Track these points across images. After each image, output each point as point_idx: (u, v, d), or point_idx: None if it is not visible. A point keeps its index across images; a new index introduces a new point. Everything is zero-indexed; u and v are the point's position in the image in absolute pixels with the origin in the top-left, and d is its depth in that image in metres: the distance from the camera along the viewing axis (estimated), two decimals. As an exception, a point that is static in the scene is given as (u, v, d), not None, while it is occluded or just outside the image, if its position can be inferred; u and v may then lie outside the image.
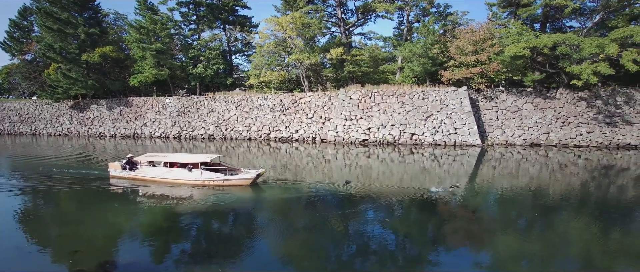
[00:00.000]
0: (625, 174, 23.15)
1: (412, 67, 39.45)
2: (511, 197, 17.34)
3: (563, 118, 34.90)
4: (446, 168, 25.41)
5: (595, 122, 34.17)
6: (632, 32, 29.94)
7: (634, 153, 30.59)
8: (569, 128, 34.45)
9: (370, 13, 47.34)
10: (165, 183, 19.11)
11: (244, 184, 18.34)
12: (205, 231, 13.19)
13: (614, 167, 25.29)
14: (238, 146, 38.30)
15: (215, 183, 18.49)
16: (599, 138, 33.61)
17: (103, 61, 50.58)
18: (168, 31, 48.12)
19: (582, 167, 25.39)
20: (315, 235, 12.43)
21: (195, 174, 18.59)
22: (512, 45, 31.77)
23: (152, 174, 19.70)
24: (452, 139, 34.60)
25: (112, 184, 19.66)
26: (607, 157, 29.10)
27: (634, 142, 33.06)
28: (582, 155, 29.94)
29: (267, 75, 44.21)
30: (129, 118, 48.62)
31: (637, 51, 30.22)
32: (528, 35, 32.35)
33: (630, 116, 34.19)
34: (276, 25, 42.23)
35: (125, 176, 20.28)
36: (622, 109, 34.47)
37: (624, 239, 11.86)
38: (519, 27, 33.75)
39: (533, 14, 37.34)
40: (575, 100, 35.05)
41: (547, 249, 11.09)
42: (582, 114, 34.63)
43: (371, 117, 37.59)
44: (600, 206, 16.25)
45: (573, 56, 32.46)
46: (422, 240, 12.25)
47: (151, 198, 17.26)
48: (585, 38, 31.87)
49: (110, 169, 20.92)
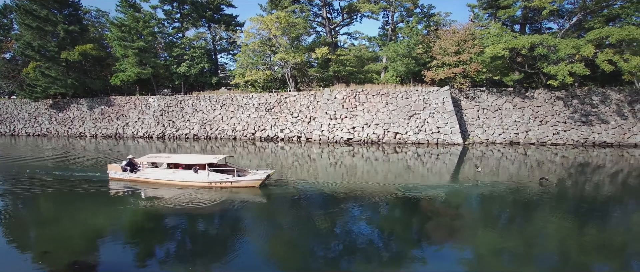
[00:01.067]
0: (601, 171, 23.97)
1: (396, 67, 39.92)
2: (492, 194, 17.70)
3: (541, 117, 35.89)
4: (429, 166, 25.85)
5: (571, 121, 35.27)
6: (608, 33, 30.96)
7: (609, 151, 31.71)
8: (546, 127, 35.46)
9: (356, 13, 47.60)
10: (169, 185, 18.32)
11: (253, 185, 17.85)
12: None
13: (590, 165, 26.14)
14: (223, 145, 38.05)
15: (223, 185, 17.86)
16: (576, 136, 34.71)
17: (83, 59, 49.42)
18: (151, 29, 47.33)
19: (559, 165, 26.16)
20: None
21: (202, 175, 17.90)
22: (491, 46, 32.51)
23: (156, 176, 18.86)
24: (434, 138, 35.16)
25: (113, 187, 18.68)
26: (584, 154, 30.07)
27: (609, 140, 34.27)
28: (559, 153, 30.86)
29: (252, 75, 44.00)
30: (110, 118, 47.66)
31: (612, 52, 31.30)
32: (507, 36, 33.16)
33: (606, 115, 35.41)
34: (261, 24, 42.07)
35: (126, 178, 19.37)
36: (597, 108, 35.66)
37: (599, 234, 12.25)
38: (498, 29, 34.55)
39: (512, 16, 38.28)
40: (553, 100, 36.11)
41: (526, 245, 11.42)
42: (559, 113, 35.70)
43: (356, 116, 37.88)
44: (577, 202, 16.74)
45: (550, 57, 33.44)
46: (406, 237, 12.44)
47: (158, 200, 16.60)
48: (561, 39, 32.86)
49: (109, 170, 19.95)
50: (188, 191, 17.44)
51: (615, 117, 35.18)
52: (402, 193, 17.35)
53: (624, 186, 20.29)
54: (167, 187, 18.18)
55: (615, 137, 34.32)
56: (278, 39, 41.98)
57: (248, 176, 17.98)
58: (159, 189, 18.11)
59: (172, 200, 16.23)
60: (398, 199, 16.57)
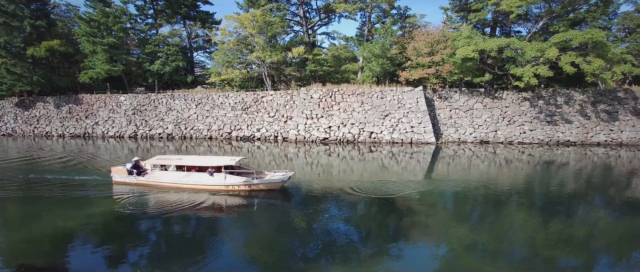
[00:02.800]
0: (565, 168, 24.98)
1: (372, 67, 40.39)
2: (463, 192, 18.11)
3: (509, 117, 37.24)
4: (404, 165, 26.26)
5: (537, 120, 36.77)
6: (571, 37, 32.42)
7: (572, 149, 33.23)
8: (514, 126, 36.83)
9: (333, 13, 47.80)
10: (182, 189, 17.15)
11: (275, 188, 16.99)
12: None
13: (555, 163, 27.15)
14: (198, 145, 37.37)
15: (241, 188, 16.79)
16: (541, 135, 36.22)
17: (50, 56, 47.43)
18: (122, 25, 45.84)
19: (526, 163, 27.10)
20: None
21: (218, 178, 16.84)
22: (462, 48, 33.44)
23: (167, 179, 17.56)
24: (408, 137, 35.84)
25: (118, 192, 17.17)
26: (548, 153, 31.37)
27: (572, 139, 35.95)
28: (525, 151, 32.07)
29: (228, 73, 43.43)
30: (78, 117, 45.86)
31: (575, 54, 32.82)
32: (477, 38, 34.18)
33: (570, 115, 37.13)
34: (237, 22, 41.55)
35: (133, 181, 17.96)
36: (562, 108, 37.33)
37: (563, 229, 12.76)
38: (469, 31, 35.55)
39: (483, 19, 39.47)
40: (520, 101, 37.53)
41: (496, 239, 11.78)
42: (525, 113, 37.15)
43: (332, 115, 38.08)
44: (543, 198, 17.33)
45: (518, 59, 34.72)
46: (382, 234, 12.52)
47: (173, 205, 15.16)
48: (527, 42, 34.18)
49: (113, 174, 18.54)
50: (203, 195, 16.39)
51: (578, 117, 36.94)
52: (376, 191, 17.56)
53: (587, 182, 21.21)
54: (179, 192, 16.93)
55: (578, 136, 36.04)
56: (254, 38, 41.60)
57: (268, 178, 17.07)
58: (170, 193, 16.83)
59: (189, 205, 15.17)
60: (373, 197, 16.70)
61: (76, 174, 21.10)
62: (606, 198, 17.61)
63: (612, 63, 33.66)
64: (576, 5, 36.39)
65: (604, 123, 36.55)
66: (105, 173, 20.83)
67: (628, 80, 44.69)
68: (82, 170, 22.61)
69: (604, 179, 21.85)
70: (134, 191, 17.17)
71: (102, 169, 22.62)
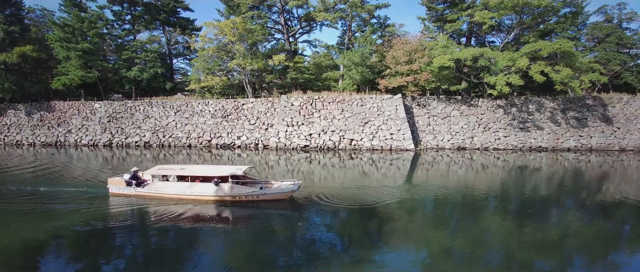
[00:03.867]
0: (538, 173, 25.76)
1: (352, 75, 40.83)
2: (442, 197, 18.35)
3: (484, 124, 38.29)
4: (384, 172, 26.46)
5: (510, 127, 37.95)
6: (540, 47, 33.79)
7: (544, 154, 34.40)
8: (489, 133, 37.87)
9: (314, 21, 48.21)
10: (185, 200, 16.30)
11: (283, 198, 16.38)
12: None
13: (528, 168, 27.95)
14: (177, 153, 36.65)
15: (248, 198, 16.19)
16: (515, 141, 37.37)
17: (22, 62, 45.81)
18: (98, 30, 44.81)
19: (501, 168, 27.85)
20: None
21: (224, 188, 16.17)
22: (438, 57, 34.30)
23: (169, 190, 16.73)
24: (388, 144, 36.26)
25: (117, 204, 16.23)
26: (522, 158, 32.33)
27: (544, 145, 37.24)
28: (500, 157, 32.98)
29: (208, 80, 42.99)
30: (50, 124, 44.26)
31: (544, 64, 34.18)
32: (452, 48, 35.18)
33: (541, 122, 38.49)
34: (217, 29, 41.31)
35: (132, 193, 17.03)
36: (533, 115, 38.68)
37: (537, 232, 13.08)
38: (445, 41, 36.53)
39: (458, 29, 40.67)
40: (494, 108, 38.69)
41: (472, 244, 11.92)
42: (500, 120, 38.29)
43: (312, 123, 38.16)
44: (518, 203, 17.77)
45: (492, 68, 35.87)
46: (363, 240, 12.50)
47: (179, 219, 14.30)
48: (499, 52, 35.40)
49: (110, 185, 17.56)
50: (209, 207, 15.72)
51: (549, 124, 38.35)
52: (359, 198, 17.57)
53: (559, 187, 21.89)
54: (182, 203, 16.09)
55: (549, 142, 37.37)
56: (234, 45, 41.42)
57: (276, 188, 16.51)
58: (173, 205, 15.96)
59: (195, 217, 14.50)
60: (355, 204, 16.68)
61: (64, 185, 19.88)
62: (578, 202, 18.18)
63: (581, 72, 35.23)
64: (546, 17, 37.99)
65: (574, 129, 38.06)
66: (96, 184, 19.87)
67: (597, 88, 46.85)
68: (67, 181, 21.37)
69: (575, 184, 22.63)
70: (133, 203, 16.30)
71: (92, 180, 21.57)
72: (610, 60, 45.34)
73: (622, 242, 12.74)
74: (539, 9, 34.74)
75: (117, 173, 21.18)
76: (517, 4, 33.51)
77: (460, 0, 40.74)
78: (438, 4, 42.88)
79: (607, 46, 47.06)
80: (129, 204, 16.23)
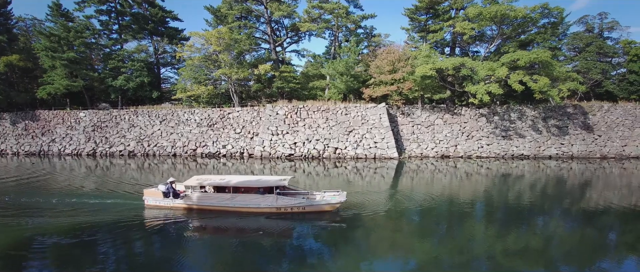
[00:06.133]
0: (521, 181, 26.03)
1: (337, 85, 41.20)
2: (427, 204, 18.37)
3: (467, 132, 38.69)
4: (368, 180, 26.51)
5: (493, 135, 38.39)
6: (518, 57, 34.50)
7: (526, 162, 34.77)
8: (472, 141, 38.25)
9: (301, 31, 48.79)
10: (226, 212, 15.78)
11: (331, 209, 15.87)
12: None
13: (511, 176, 28.21)
14: (162, 162, 36.51)
15: (294, 210, 15.68)
16: (497, 149, 37.76)
17: (9, 71, 45.68)
18: (84, 40, 44.89)
19: (485, 176, 28.01)
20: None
21: (269, 199, 15.64)
22: (421, 66, 34.81)
23: (209, 202, 16.13)
24: (372, 153, 36.45)
25: (154, 217, 15.53)
26: (505, 166, 32.65)
27: (526, 152, 37.67)
28: (484, 165, 33.26)
29: (194, 90, 43.12)
30: (35, 134, 43.93)
31: (523, 73, 34.82)
32: (435, 58, 35.75)
33: (523, 130, 38.99)
34: (203, 39, 41.63)
35: (170, 205, 16.33)
36: (515, 123, 39.20)
37: (521, 239, 13.23)
38: (427, 50, 37.14)
39: (440, 39, 41.41)
40: (477, 117, 39.17)
41: (457, 252, 11.97)
42: (482, 129, 38.74)
43: (297, 132, 38.31)
44: (501, 210, 17.93)
45: (474, 78, 36.44)
46: (349, 250, 12.39)
47: (230, 232, 13.85)
48: (479, 62, 36.02)
49: (145, 196, 16.81)
50: (252, 219, 15.20)
51: (531, 132, 38.86)
52: (344, 206, 17.42)
53: (542, 194, 22.10)
54: (222, 215, 15.59)
55: (531, 150, 37.82)
56: (219, 55, 41.71)
57: (324, 199, 16.09)
58: (213, 217, 15.50)
59: (241, 230, 14.04)
60: (341, 212, 16.62)
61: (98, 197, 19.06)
62: (561, 209, 18.35)
63: (559, 81, 35.91)
64: (526, 27, 38.85)
65: (555, 137, 38.59)
66: (127, 195, 19.29)
67: (579, 97, 47.67)
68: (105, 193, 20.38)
69: (558, 191, 22.84)
70: (171, 216, 15.65)
71: (126, 192, 20.67)
72: (591, 69, 46.31)
73: (606, 248, 12.89)
74: (517, 20, 35.52)
75: (151, 184, 20.53)
76: (495, 15, 34.26)
77: (443, 12, 41.54)
78: (420, 14, 43.69)
79: (587, 55, 48.11)
80: (166, 216, 15.64)
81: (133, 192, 19.97)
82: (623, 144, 38.44)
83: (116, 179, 25.58)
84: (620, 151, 38.09)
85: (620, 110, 40.40)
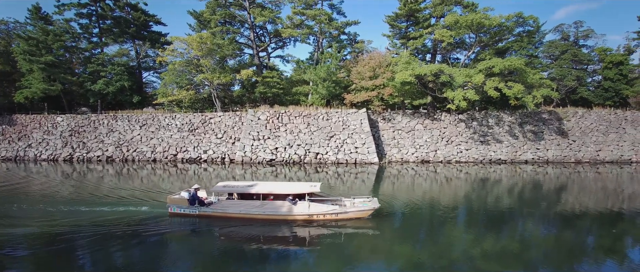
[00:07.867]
0: (498, 185, 26.53)
1: (318, 90, 41.47)
2: (407, 209, 18.48)
3: (447, 137, 39.32)
4: (349, 185, 26.59)
5: (472, 140, 39.10)
6: (493, 64, 35.35)
7: (504, 167, 35.47)
8: (451, 146, 38.87)
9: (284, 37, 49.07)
10: (255, 220, 15.25)
11: (363, 216, 15.59)
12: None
13: (489, 180, 28.71)
14: (141, 167, 35.96)
15: (326, 217, 15.20)
16: (476, 154, 38.44)
17: (-14, 75, 44.78)
18: (63, 43, 44.23)
19: (464, 181, 28.36)
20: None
21: (301, 206, 15.21)
22: (400, 73, 35.34)
23: (237, 209, 15.59)
24: (353, 158, 36.68)
25: (181, 224, 15.14)
26: (483, 171, 33.24)
27: (503, 157, 38.44)
28: (463, 170, 33.80)
29: (176, 94, 42.81)
30: (11, 138, 42.85)
31: (498, 80, 35.68)
32: (414, 64, 36.34)
33: (500, 135, 39.82)
34: (185, 44, 41.47)
35: (195, 213, 15.80)
36: (493, 129, 40.02)
37: (499, 243, 13.48)
38: (407, 57, 37.74)
39: (420, 46, 42.20)
40: (456, 122, 39.87)
41: (438, 256, 12.09)
42: (461, 134, 39.43)
43: (278, 137, 38.33)
44: (480, 214, 18.16)
45: (453, 84, 37.15)
46: (330, 254, 12.39)
47: (262, 240, 13.42)
48: (457, 69, 36.78)
49: (170, 204, 16.14)
50: (282, 227, 14.76)
51: (508, 137, 39.71)
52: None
53: (520, 198, 22.56)
54: (251, 223, 15.07)
55: (508, 154, 38.63)
56: (201, 60, 41.59)
57: (358, 206, 15.79)
58: (240, 226, 14.94)
59: (273, 238, 13.74)
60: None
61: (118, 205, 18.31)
62: (539, 212, 18.64)
63: (533, 88, 36.90)
64: (502, 35, 39.88)
65: (531, 142, 39.52)
66: (156, 204, 18.55)
67: (555, 103, 49.02)
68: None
69: (535, 195, 23.28)
70: (198, 224, 15.22)
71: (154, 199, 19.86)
72: (565, 76, 47.74)
73: (582, 251, 13.17)
74: (493, 28, 36.48)
75: (172, 191, 19.86)
76: (471, 23, 35.12)
77: (423, 19, 42.37)
78: (401, 21, 44.47)
79: (562, 63, 49.63)
80: (193, 224, 15.21)
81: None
82: (597, 149, 39.58)
83: (93, 187, 25.14)
84: (595, 155, 39.20)
85: (595, 116, 41.68)
